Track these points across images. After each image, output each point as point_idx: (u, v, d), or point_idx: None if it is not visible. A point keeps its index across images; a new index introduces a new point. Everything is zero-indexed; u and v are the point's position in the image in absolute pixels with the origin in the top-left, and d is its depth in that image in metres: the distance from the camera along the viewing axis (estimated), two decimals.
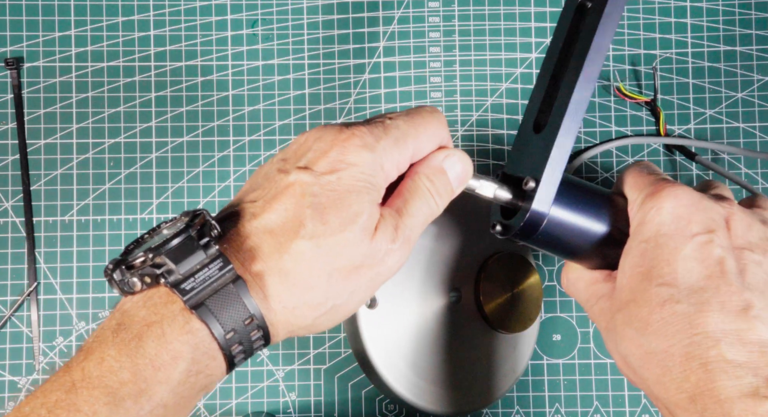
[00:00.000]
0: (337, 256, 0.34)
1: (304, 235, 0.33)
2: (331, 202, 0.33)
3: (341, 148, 0.34)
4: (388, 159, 0.35)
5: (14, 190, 0.60)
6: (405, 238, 0.36)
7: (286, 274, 0.33)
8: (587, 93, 0.38)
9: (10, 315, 0.59)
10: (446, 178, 0.37)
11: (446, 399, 0.52)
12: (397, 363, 0.50)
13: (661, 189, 0.38)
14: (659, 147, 0.62)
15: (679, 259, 0.36)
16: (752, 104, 0.62)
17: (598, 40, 0.37)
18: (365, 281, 0.35)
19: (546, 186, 0.38)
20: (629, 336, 0.36)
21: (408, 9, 0.62)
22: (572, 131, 0.38)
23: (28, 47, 0.61)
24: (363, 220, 0.34)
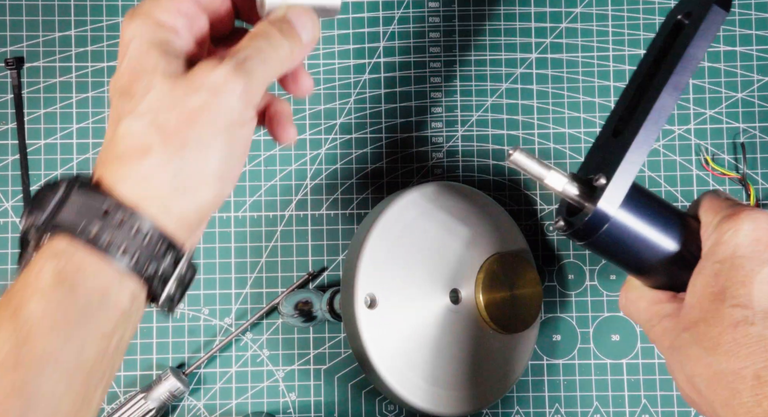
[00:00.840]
0: (158, 111, 0.32)
1: (123, 115, 0.33)
2: (132, 79, 0.33)
3: (121, 35, 0.35)
4: (160, 12, 0.34)
5: (14, 190, 0.60)
6: (236, 61, 0.33)
7: (122, 156, 0.33)
8: (672, 101, 0.37)
9: None
10: (289, 24, 0.36)
11: (446, 399, 0.52)
12: (397, 363, 0.50)
13: (739, 212, 0.37)
14: None
15: (755, 281, 0.35)
16: (752, 104, 0.62)
17: (690, 50, 0.37)
18: (205, 123, 0.33)
19: (616, 184, 0.37)
20: (697, 355, 0.35)
21: (408, 9, 0.62)
22: (651, 135, 0.37)
23: (28, 47, 0.61)
24: (162, 68, 0.33)
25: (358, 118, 0.62)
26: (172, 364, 0.59)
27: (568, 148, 0.62)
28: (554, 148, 0.62)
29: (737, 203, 0.38)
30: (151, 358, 0.59)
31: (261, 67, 0.34)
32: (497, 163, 0.62)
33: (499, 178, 0.62)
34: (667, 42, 0.40)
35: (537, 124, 0.62)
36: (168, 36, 0.34)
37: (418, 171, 0.61)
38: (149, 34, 0.34)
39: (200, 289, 0.60)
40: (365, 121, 0.62)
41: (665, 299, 0.39)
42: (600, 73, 0.62)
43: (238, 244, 0.60)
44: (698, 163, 0.61)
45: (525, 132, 0.62)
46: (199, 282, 0.60)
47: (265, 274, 0.60)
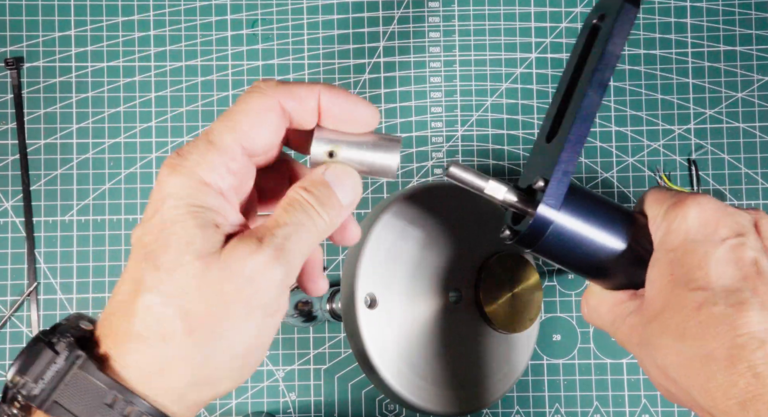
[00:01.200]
0: (184, 294, 0.30)
1: (145, 289, 0.30)
2: (160, 244, 0.30)
3: (158, 185, 0.31)
4: (207, 171, 0.31)
5: (14, 190, 0.60)
6: (275, 247, 0.30)
7: (139, 336, 0.30)
8: (597, 97, 0.37)
9: (10, 315, 0.59)
10: (328, 188, 0.33)
11: (446, 399, 0.52)
12: (397, 363, 0.50)
13: (684, 199, 0.36)
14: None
15: (711, 262, 0.34)
16: (752, 104, 0.62)
17: (609, 48, 0.37)
18: (238, 309, 0.30)
19: (553, 186, 0.37)
20: (666, 345, 0.34)
21: (408, 9, 0.62)
22: (582, 133, 0.37)
23: (28, 47, 0.61)
24: (196, 246, 0.30)
25: None
26: None
27: None
28: None
29: (680, 191, 0.38)
30: None
31: (300, 247, 0.32)
32: (497, 163, 0.62)
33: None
34: (586, 46, 0.40)
35: (537, 124, 0.62)
36: (211, 201, 0.31)
37: (418, 171, 0.61)
38: (190, 198, 0.31)
39: None
40: None
41: (626, 298, 0.39)
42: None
43: None
44: (698, 163, 0.61)
45: (525, 132, 0.62)
46: None
47: None
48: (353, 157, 0.34)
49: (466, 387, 0.52)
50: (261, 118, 0.32)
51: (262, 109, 0.32)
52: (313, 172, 0.33)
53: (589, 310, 0.41)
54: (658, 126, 0.62)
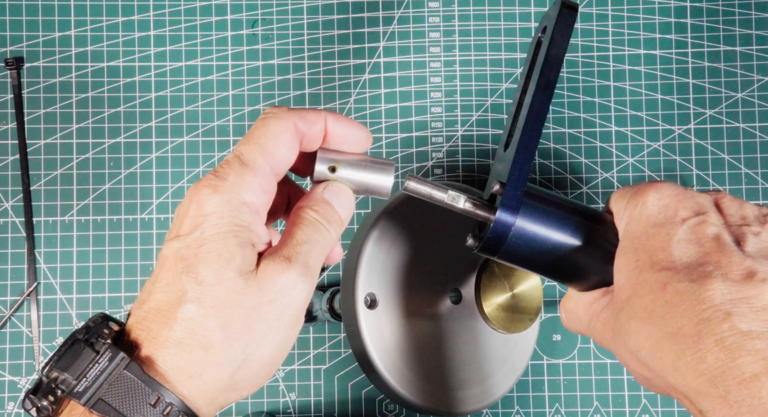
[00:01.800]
0: (225, 307, 0.33)
1: (186, 300, 0.33)
2: (200, 258, 0.33)
3: (196, 203, 0.34)
4: (244, 190, 0.34)
5: (14, 190, 0.60)
6: (301, 264, 0.34)
7: (179, 343, 0.33)
8: (545, 98, 0.38)
9: (10, 315, 0.59)
10: (330, 207, 0.37)
11: (446, 399, 0.52)
12: (397, 363, 0.50)
13: (643, 187, 0.36)
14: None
15: (673, 243, 0.34)
16: (752, 104, 0.62)
17: (551, 51, 0.38)
18: (271, 320, 0.34)
19: (511, 189, 0.37)
20: (636, 329, 0.34)
21: (408, 9, 0.62)
22: (532, 134, 0.38)
23: (28, 47, 0.61)
24: (236, 263, 0.33)
25: (358, 118, 0.62)
26: None
27: (569, 148, 0.62)
28: (554, 148, 0.62)
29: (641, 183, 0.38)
30: None
31: (318, 261, 0.36)
32: None
33: None
34: (533, 59, 0.41)
35: None
36: (248, 219, 0.34)
37: (418, 171, 0.61)
38: (232, 215, 0.34)
39: None
40: (365, 121, 0.62)
41: (599, 296, 0.39)
42: (600, 73, 0.62)
43: None
44: (698, 163, 0.61)
45: None
46: None
47: None
48: (352, 175, 0.37)
49: (466, 387, 0.52)
50: (282, 139, 0.35)
51: (282, 131, 0.35)
52: (314, 191, 0.37)
53: (567, 315, 0.41)
54: (658, 126, 0.62)
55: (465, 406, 0.52)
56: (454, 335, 0.52)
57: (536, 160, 0.62)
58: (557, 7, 0.39)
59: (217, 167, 0.35)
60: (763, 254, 0.34)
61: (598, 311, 0.39)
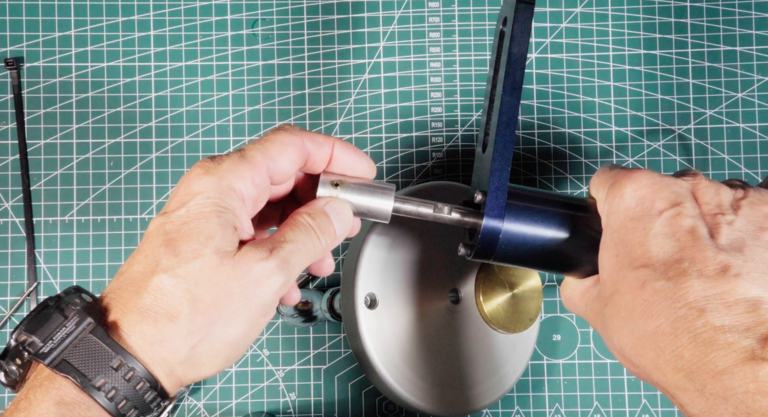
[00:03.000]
0: (197, 282, 0.33)
1: (160, 270, 0.34)
2: (182, 234, 0.34)
3: (186, 182, 0.35)
4: (236, 178, 0.35)
5: (14, 190, 0.60)
6: (281, 258, 0.35)
7: (146, 310, 0.33)
8: (514, 100, 0.38)
9: (10, 315, 0.59)
10: (328, 219, 0.38)
11: (446, 399, 0.52)
12: (397, 363, 0.50)
13: (621, 177, 0.37)
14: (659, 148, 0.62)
15: (650, 237, 0.35)
16: (752, 104, 0.62)
17: (513, 49, 0.38)
18: (240, 303, 0.34)
19: (492, 196, 0.38)
20: (618, 326, 0.35)
21: (408, 9, 0.62)
22: (508, 140, 0.38)
23: (28, 47, 0.61)
24: (215, 242, 0.34)
25: (358, 118, 0.62)
26: None
27: (568, 148, 0.62)
28: (554, 148, 0.62)
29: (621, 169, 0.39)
30: None
31: (300, 262, 0.36)
32: None
33: None
34: (498, 51, 0.41)
35: (537, 124, 0.62)
36: (234, 204, 0.35)
37: (418, 171, 0.61)
38: (218, 197, 0.35)
39: None
40: (365, 121, 0.62)
41: (591, 285, 0.40)
42: (600, 73, 0.62)
43: None
44: (698, 163, 0.61)
45: (525, 132, 0.62)
46: None
47: None
48: (353, 195, 0.38)
49: (466, 387, 0.52)
50: (287, 149, 0.37)
51: (288, 142, 0.37)
52: (316, 202, 0.38)
53: (566, 301, 0.42)
54: (658, 126, 0.62)
55: (465, 407, 0.52)
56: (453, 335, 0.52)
57: (536, 160, 0.62)
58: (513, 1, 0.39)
59: (219, 154, 0.36)
60: (735, 246, 0.34)
61: (591, 300, 0.39)
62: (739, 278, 0.33)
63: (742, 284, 0.33)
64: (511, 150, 0.38)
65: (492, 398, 0.54)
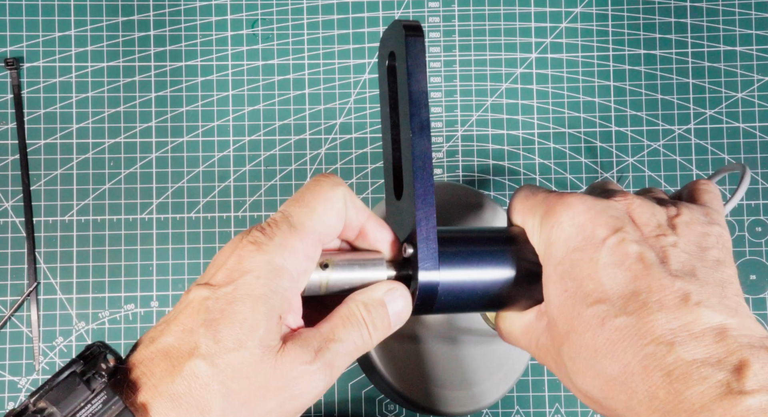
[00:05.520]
0: (235, 376, 0.31)
1: (198, 354, 0.31)
2: (225, 316, 0.31)
3: (237, 256, 0.33)
4: (288, 254, 0.33)
5: (14, 190, 0.60)
6: (326, 362, 0.33)
7: (178, 398, 0.31)
8: (426, 141, 0.36)
9: (10, 315, 0.59)
10: (385, 312, 0.35)
11: (446, 399, 0.52)
12: (397, 363, 0.50)
13: (553, 205, 0.35)
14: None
15: (599, 269, 0.33)
16: (752, 104, 0.62)
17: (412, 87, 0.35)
18: (275, 405, 0.32)
19: (424, 248, 0.35)
20: (582, 369, 0.33)
21: (408, 9, 0.62)
22: (428, 185, 0.36)
23: (28, 47, 0.61)
24: (260, 334, 0.31)
25: (358, 118, 0.62)
26: None
27: (568, 148, 0.62)
28: (554, 148, 0.62)
29: (548, 194, 0.36)
30: None
31: (347, 361, 0.34)
32: (497, 163, 0.62)
33: (499, 178, 0.62)
34: (391, 87, 0.38)
35: (537, 124, 0.62)
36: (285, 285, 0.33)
37: None
38: (269, 280, 0.32)
39: None
40: (365, 121, 0.62)
41: (534, 319, 0.38)
42: (600, 73, 0.62)
43: None
44: (698, 163, 0.61)
45: (525, 132, 0.62)
46: None
47: None
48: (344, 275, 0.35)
49: (465, 387, 0.52)
50: (333, 206, 0.34)
51: (334, 198, 0.34)
52: (376, 289, 0.35)
53: (505, 336, 0.40)
54: (658, 126, 0.62)
55: (465, 406, 0.52)
56: (454, 335, 0.52)
57: (536, 160, 0.62)
58: (400, 33, 0.35)
59: (264, 224, 0.33)
60: (687, 270, 0.33)
61: (536, 337, 0.37)
62: (701, 306, 0.32)
63: (705, 313, 0.31)
64: (432, 193, 0.36)
65: (492, 398, 0.54)
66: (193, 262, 0.60)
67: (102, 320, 0.59)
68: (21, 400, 0.59)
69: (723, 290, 0.33)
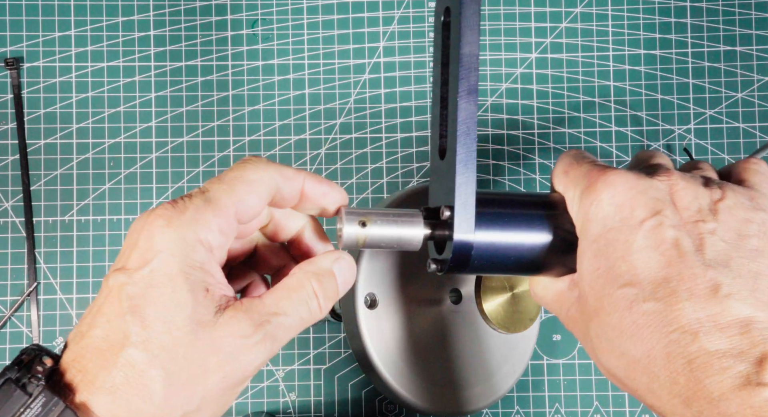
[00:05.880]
0: (171, 358, 0.30)
1: (130, 343, 0.30)
2: (148, 300, 0.31)
3: (147, 234, 0.31)
4: (201, 228, 0.32)
5: (14, 190, 0.60)
6: (267, 334, 0.32)
7: (116, 390, 0.30)
8: (472, 106, 0.36)
9: (10, 315, 0.59)
10: (335, 282, 0.35)
11: (446, 399, 0.52)
12: (397, 363, 0.50)
13: (595, 180, 0.35)
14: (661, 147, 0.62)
15: (633, 252, 0.33)
16: (752, 104, 0.62)
17: (464, 49, 0.35)
18: (217, 380, 0.31)
19: (461, 212, 0.36)
20: (607, 348, 0.34)
21: (408, 9, 0.62)
22: (470, 150, 0.36)
23: (28, 47, 0.61)
24: (187, 311, 0.31)
25: (358, 118, 0.62)
26: None
27: (568, 148, 0.62)
28: (554, 148, 0.62)
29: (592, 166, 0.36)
30: None
31: (289, 335, 0.33)
32: (497, 163, 0.62)
33: (499, 178, 0.62)
34: (444, 43, 0.38)
35: (537, 124, 0.62)
36: (201, 259, 0.32)
37: (418, 171, 0.61)
38: (184, 255, 0.31)
39: None
40: (365, 121, 0.62)
41: (566, 288, 0.38)
42: (600, 73, 0.62)
43: None
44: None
45: (525, 132, 0.62)
46: None
47: None
48: (383, 231, 0.36)
49: (466, 387, 0.52)
50: (255, 186, 0.34)
51: (256, 178, 0.34)
52: (324, 259, 0.35)
53: (537, 298, 0.41)
54: (658, 126, 0.62)
55: (465, 407, 0.52)
56: (454, 335, 0.52)
57: (536, 160, 0.62)
58: None
59: (177, 198, 0.33)
60: (721, 260, 0.33)
61: (567, 306, 0.38)
62: (730, 298, 0.32)
63: (733, 305, 0.32)
64: (474, 160, 0.36)
65: (492, 398, 0.54)
66: None
67: None
68: None
69: (756, 283, 0.33)
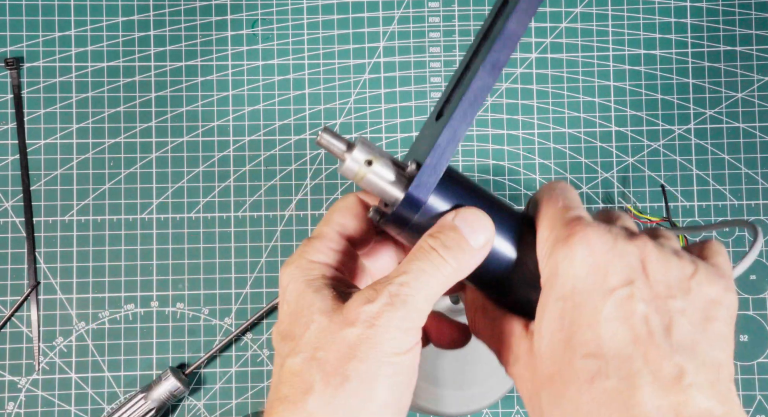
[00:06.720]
0: (317, 349, 0.32)
1: (284, 357, 0.33)
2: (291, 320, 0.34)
3: (280, 284, 0.36)
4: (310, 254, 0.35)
5: (14, 190, 0.60)
6: (390, 293, 0.32)
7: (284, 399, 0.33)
8: (491, 79, 0.33)
9: (10, 315, 0.59)
10: (456, 233, 0.33)
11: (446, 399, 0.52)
12: None
13: (572, 233, 0.33)
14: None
15: (601, 321, 0.32)
16: (752, 104, 0.62)
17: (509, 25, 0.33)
18: (365, 351, 0.32)
19: (427, 171, 0.33)
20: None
21: (408, 9, 0.62)
22: (467, 117, 0.33)
23: (28, 47, 0.61)
24: (318, 306, 0.33)
25: (358, 118, 0.62)
26: (172, 364, 0.59)
27: (568, 148, 0.62)
28: (554, 148, 0.62)
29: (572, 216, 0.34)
30: (151, 358, 0.59)
31: (421, 292, 0.33)
32: (497, 163, 0.62)
33: (499, 178, 0.62)
34: (494, 20, 0.36)
35: (537, 124, 0.62)
36: (320, 272, 0.34)
37: None
38: (302, 276, 0.34)
39: (200, 289, 0.60)
40: (365, 121, 0.62)
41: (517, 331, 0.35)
42: (600, 73, 0.62)
43: (238, 244, 0.60)
44: (698, 163, 0.61)
45: (525, 132, 0.62)
46: (199, 282, 0.60)
47: (265, 274, 0.60)
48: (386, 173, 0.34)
49: (466, 387, 0.52)
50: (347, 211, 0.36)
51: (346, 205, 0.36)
52: (443, 218, 0.34)
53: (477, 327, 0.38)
54: (658, 126, 0.62)
55: (465, 406, 0.52)
56: None
57: (536, 160, 0.62)
58: None
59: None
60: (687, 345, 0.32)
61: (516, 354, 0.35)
62: (693, 388, 0.31)
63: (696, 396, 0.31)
64: (464, 129, 0.33)
65: (492, 398, 0.54)
66: (193, 262, 0.60)
67: (102, 320, 0.59)
68: (21, 399, 0.59)
69: (718, 374, 0.32)
